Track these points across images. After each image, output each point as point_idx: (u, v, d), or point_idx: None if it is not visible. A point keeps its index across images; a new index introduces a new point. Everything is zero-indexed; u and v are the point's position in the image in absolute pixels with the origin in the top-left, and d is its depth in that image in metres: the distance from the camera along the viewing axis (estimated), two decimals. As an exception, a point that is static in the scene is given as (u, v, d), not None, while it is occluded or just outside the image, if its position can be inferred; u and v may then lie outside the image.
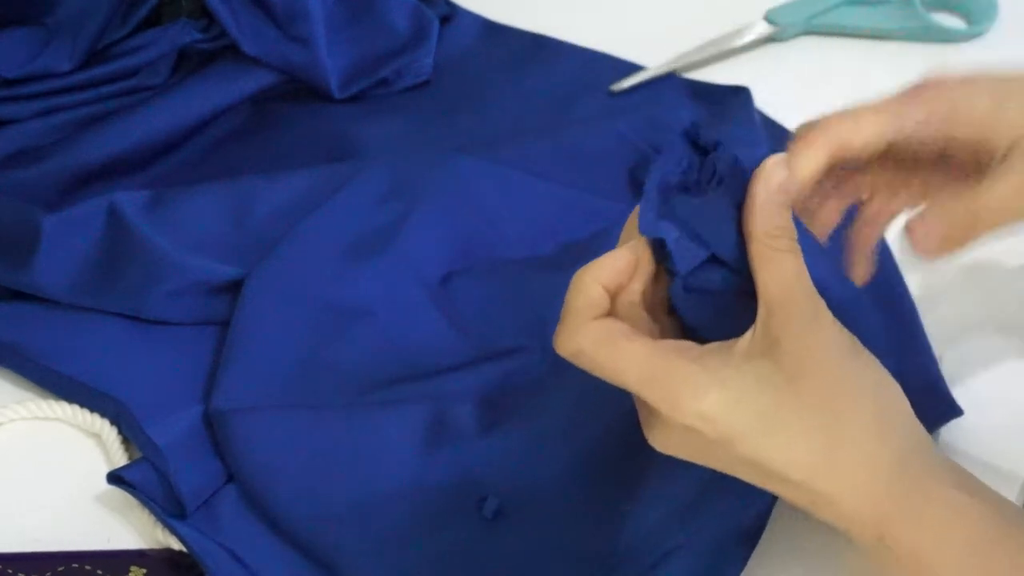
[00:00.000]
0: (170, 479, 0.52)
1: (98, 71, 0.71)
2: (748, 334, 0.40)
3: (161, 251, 0.59)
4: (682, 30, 0.75)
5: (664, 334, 0.43)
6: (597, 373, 0.40)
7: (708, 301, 0.41)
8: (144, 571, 0.50)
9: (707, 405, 0.39)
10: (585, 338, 0.40)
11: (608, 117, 0.71)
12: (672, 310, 0.43)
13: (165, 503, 0.52)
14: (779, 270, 0.40)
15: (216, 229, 0.62)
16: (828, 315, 0.41)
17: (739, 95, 0.71)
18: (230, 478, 0.53)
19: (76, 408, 0.56)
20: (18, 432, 0.57)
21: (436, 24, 0.77)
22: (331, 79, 0.72)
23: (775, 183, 0.41)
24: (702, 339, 0.41)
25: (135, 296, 0.59)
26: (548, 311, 0.43)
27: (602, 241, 0.60)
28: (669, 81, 0.74)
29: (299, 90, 0.73)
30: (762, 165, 0.41)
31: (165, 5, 0.73)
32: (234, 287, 0.59)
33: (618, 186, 0.66)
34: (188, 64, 0.73)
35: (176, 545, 0.51)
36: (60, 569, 0.50)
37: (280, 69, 0.72)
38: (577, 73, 0.75)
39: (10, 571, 0.50)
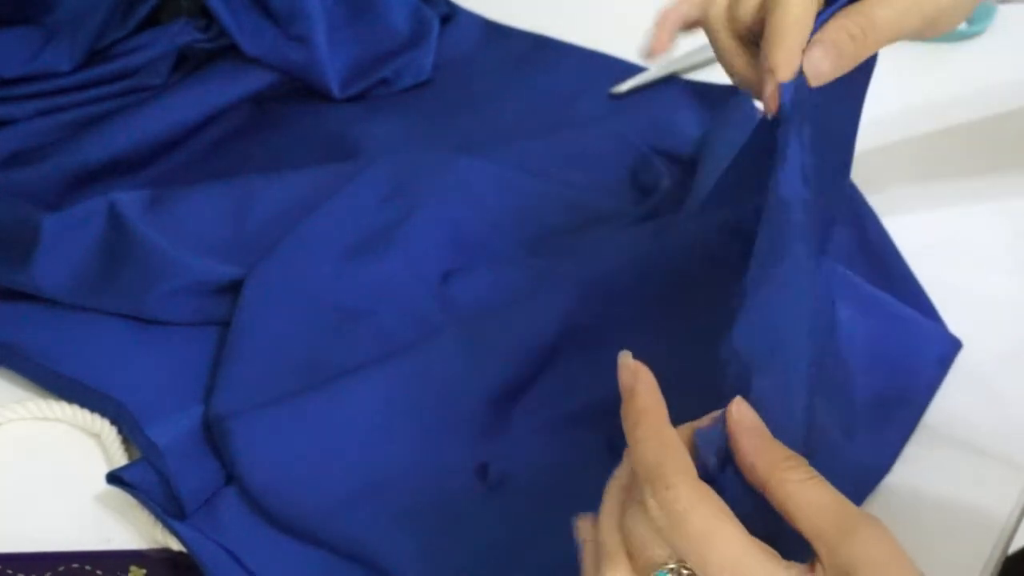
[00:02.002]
0: (169, 479, 0.52)
1: (98, 71, 0.71)
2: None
3: (161, 251, 0.59)
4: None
5: None
6: (683, 533, 0.38)
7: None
8: (144, 571, 0.50)
9: None
10: (691, 496, 0.38)
11: (608, 118, 0.71)
12: None
13: (165, 503, 0.51)
14: (814, 499, 0.38)
15: (216, 229, 0.62)
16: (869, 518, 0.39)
17: (739, 96, 0.71)
18: (230, 479, 0.53)
19: (76, 408, 0.56)
20: (18, 432, 0.57)
21: (436, 24, 0.77)
22: (331, 79, 0.72)
23: (749, 421, 0.40)
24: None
25: (135, 296, 0.59)
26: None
27: (601, 243, 0.61)
28: (670, 82, 0.74)
29: (299, 90, 0.73)
30: (729, 413, 0.40)
31: (165, 5, 0.73)
32: (234, 287, 0.59)
33: (618, 186, 0.67)
34: (188, 64, 0.73)
35: (176, 545, 0.51)
36: (60, 569, 0.50)
37: (280, 69, 0.72)
38: (578, 74, 0.75)
39: (10, 571, 0.50)
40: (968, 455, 0.53)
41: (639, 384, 0.41)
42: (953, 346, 0.58)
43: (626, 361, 0.42)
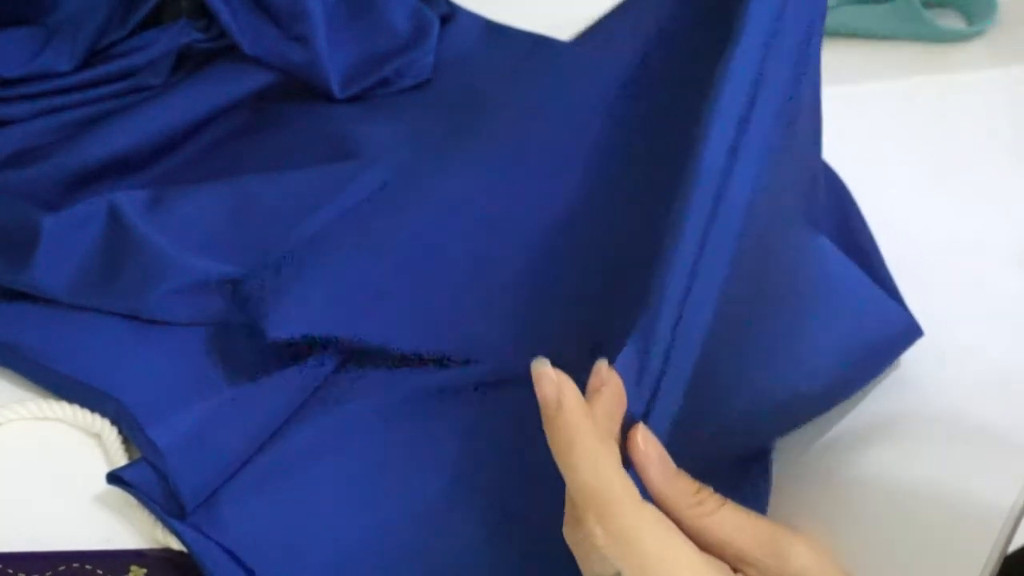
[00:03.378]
0: (169, 479, 0.52)
1: (98, 71, 0.71)
2: None
3: (161, 251, 0.59)
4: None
5: None
6: (637, 557, 0.37)
7: None
8: (144, 571, 0.50)
9: None
10: (639, 520, 0.37)
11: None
12: None
13: (165, 503, 0.52)
14: (732, 526, 0.38)
15: (216, 229, 0.62)
16: None
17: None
18: (230, 477, 0.53)
19: (76, 408, 0.56)
20: (18, 432, 0.57)
21: (436, 24, 0.77)
22: (332, 79, 0.72)
23: (655, 453, 0.40)
24: None
25: (135, 296, 0.59)
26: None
27: (601, 241, 0.61)
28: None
29: (299, 90, 0.73)
30: (635, 444, 0.40)
31: (165, 5, 0.73)
32: (234, 285, 0.59)
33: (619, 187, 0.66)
34: (188, 64, 0.73)
35: (176, 545, 0.51)
36: (60, 569, 0.50)
37: (280, 69, 0.72)
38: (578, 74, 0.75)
39: (10, 571, 0.50)
40: (967, 453, 0.53)
41: (564, 397, 0.39)
42: (914, 332, 0.57)
43: (544, 370, 0.39)
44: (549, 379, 0.39)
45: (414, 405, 0.56)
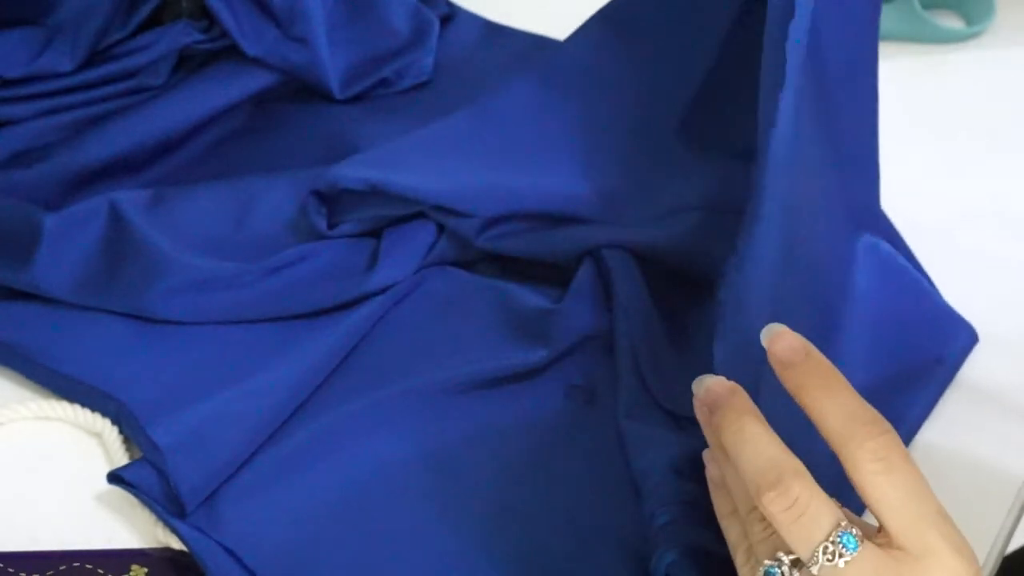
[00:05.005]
0: (170, 479, 0.52)
1: (99, 72, 0.71)
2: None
3: (161, 250, 0.59)
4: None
5: None
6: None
7: None
8: (145, 570, 0.50)
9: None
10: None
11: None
12: None
13: (165, 502, 0.52)
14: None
15: (216, 229, 0.62)
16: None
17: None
18: (230, 477, 0.53)
19: (77, 408, 0.56)
20: (19, 432, 0.57)
21: (436, 24, 0.77)
22: (332, 79, 0.72)
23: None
24: None
25: (135, 295, 0.59)
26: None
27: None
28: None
29: (299, 90, 0.74)
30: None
31: (166, 6, 0.73)
32: (233, 287, 0.59)
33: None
34: (188, 65, 0.73)
35: (177, 544, 0.51)
36: (61, 568, 0.50)
37: (281, 69, 0.72)
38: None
39: (10, 571, 0.50)
40: (965, 453, 0.53)
41: (735, 393, 0.41)
42: (972, 339, 0.58)
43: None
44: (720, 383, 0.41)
45: (413, 405, 0.56)
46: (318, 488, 0.53)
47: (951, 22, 0.79)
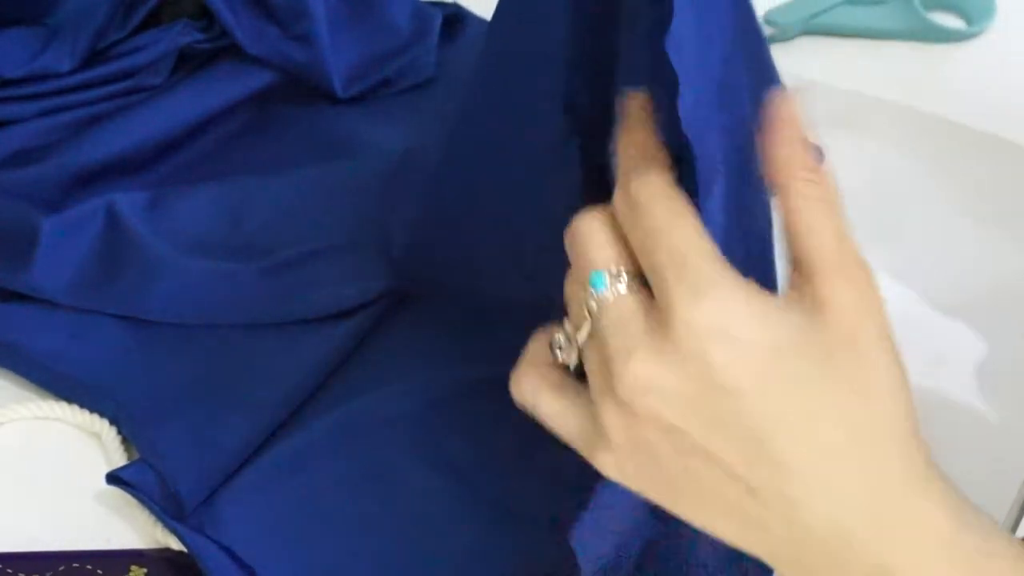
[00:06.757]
0: (169, 479, 0.52)
1: (98, 71, 0.71)
2: (788, 290, 0.35)
3: (159, 252, 0.59)
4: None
5: None
6: (649, 221, 0.35)
7: None
8: (144, 571, 0.50)
9: (743, 317, 0.33)
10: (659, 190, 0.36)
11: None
12: None
13: (164, 503, 0.52)
14: (816, 226, 0.35)
15: (215, 230, 0.62)
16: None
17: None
18: (229, 477, 0.53)
19: (76, 408, 0.56)
20: (18, 432, 0.57)
21: (437, 22, 0.77)
22: (334, 78, 0.72)
23: (789, 112, 0.37)
24: None
25: (134, 297, 0.59)
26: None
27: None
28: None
29: (300, 90, 0.73)
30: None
31: (166, 5, 0.73)
32: (233, 287, 0.59)
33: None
34: (188, 64, 0.73)
35: (176, 545, 0.51)
36: (60, 569, 0.50)
37: (282, 69, 0.72)
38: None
39: (10, 571, 0.50)
40: (965, 451, 0.53)
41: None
42: None
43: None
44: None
45: (413, 405, 0.56)
46: (318, 488, 0.53)
47: (951, 22, 0.79)
